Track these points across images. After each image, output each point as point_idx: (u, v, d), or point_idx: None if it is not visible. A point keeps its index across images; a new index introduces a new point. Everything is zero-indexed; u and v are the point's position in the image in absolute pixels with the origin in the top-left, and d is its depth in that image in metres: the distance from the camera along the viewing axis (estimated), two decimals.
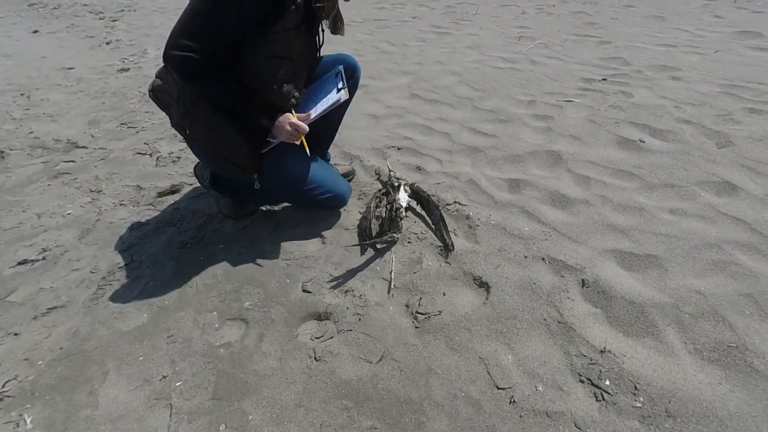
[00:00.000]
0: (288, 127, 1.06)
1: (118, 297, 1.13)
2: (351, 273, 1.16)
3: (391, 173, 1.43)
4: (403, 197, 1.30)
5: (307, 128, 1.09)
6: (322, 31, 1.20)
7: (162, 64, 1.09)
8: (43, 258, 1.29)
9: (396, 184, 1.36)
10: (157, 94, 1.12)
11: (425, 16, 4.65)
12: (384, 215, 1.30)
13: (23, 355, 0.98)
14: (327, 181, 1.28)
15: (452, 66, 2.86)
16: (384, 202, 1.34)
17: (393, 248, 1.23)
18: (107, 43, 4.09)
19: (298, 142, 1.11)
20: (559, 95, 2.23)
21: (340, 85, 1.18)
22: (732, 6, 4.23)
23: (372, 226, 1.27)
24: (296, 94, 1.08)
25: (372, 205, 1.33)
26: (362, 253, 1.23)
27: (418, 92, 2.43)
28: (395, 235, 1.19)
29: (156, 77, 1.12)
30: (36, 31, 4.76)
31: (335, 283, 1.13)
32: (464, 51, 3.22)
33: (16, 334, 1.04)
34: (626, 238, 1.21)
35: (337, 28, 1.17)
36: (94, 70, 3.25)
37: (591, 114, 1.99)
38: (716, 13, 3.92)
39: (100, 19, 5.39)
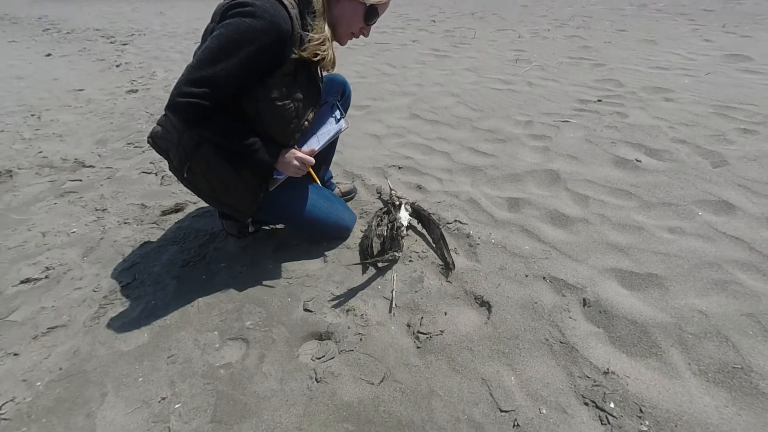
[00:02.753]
0: (295, 162, 1.09)
1: (120, 316, 1.13)
2: (352, 292, 1.16)
3: (392, 192, 1.45)
4: (404, 216, 1.32)
5: (313, 161, 1.12)
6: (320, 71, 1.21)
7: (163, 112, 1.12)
8: (46, 277, 1.29)
9: (397, 203, 1.38)
10: (155, 140, 1.14)
11: (425, 40, 4.81)
12: (385, 234, 1.31)
13: (21, 375, 0.97)
14: (330, 215, 1.30)
15: (451, 87, 2.94)
16: (385, 220, 1.36)
17: (394, 267, 1.24)
18: (117, 66, 4.23)
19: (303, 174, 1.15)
20: (556, 116, 2.29)
21: (338, 116, 1.23)
22: (720, 30, 4.38)
23: (373, 245, 1.28)
24: (297, 135, 1.11)
25: (373, 223, 1.35)
26: (363, 271, 1.23)
27: (419, 113, 2.49)
28: (396, 254, 1.20)
29: (157, 124, 1.16)
30: (49, 55, 4.92)
31: (337, 302, 1.13)
32: (463, 73, 3.32)
33: (15, 354, 1.03)
34: (626, 256, 1.22)
35: (328, 69, 1.19)
36: (104, 91, 3.35)
37: (587, 134, 2.03)
38: (706, 38, 4.06)
39: (111, 43, 5.59)
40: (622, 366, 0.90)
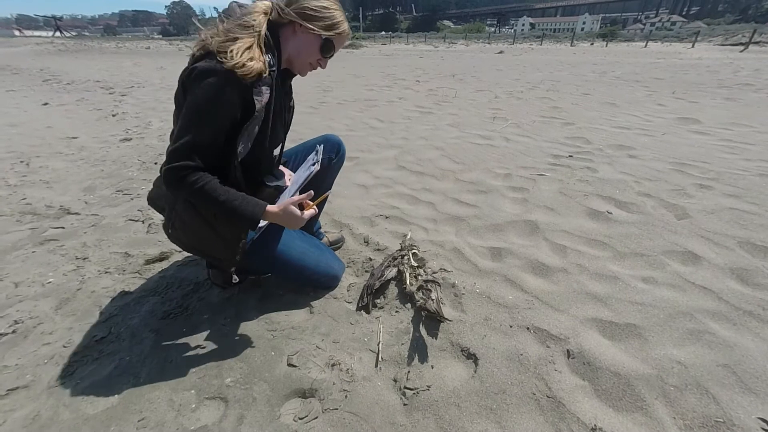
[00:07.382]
0: (293, 211, 1.03)
1: (89, 375, 1.06)
2: (338, 344, 1.14)
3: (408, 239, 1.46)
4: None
5: (315, 210, 1.11)
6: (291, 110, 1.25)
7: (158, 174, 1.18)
8: (14, 331, 1.22)
9: (413, 252, 1.41)
10: (154, 200, 1.20)
11: (410, 98, 5.21)
12: (391, 277, 1.33)
13: None
14: (320, 263, 1.32)
15: (435, 141, 3.15)
16: (398, 261, 1.37)
17: (380, 318, 1.23)
18: (113, 115, 4.36)
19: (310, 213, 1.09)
20: (532, 169, 2.46)
21: (313, 159, 1.21)
22: (671, 96, 4.93)
23: (378, 285, 1.29)
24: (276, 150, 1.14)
25: (384, 264, 1.35)
26: (359, 308, 1.22)
27: (405, 164, 2.63)
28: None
29: (153, 186, 1.21)
30: (46, 104, 5.05)
31: (322, 355, 1.10)
32: (446, 128, 3.57)
33: None
34: (605, 306, 1.26)
35: None
36: (97, 139, 3.41)
37: (561, 187, 2.18)
38: (659, 102, 4.55)
39: (110, 93, 5.81)
40: (609, 421, 0.89)
